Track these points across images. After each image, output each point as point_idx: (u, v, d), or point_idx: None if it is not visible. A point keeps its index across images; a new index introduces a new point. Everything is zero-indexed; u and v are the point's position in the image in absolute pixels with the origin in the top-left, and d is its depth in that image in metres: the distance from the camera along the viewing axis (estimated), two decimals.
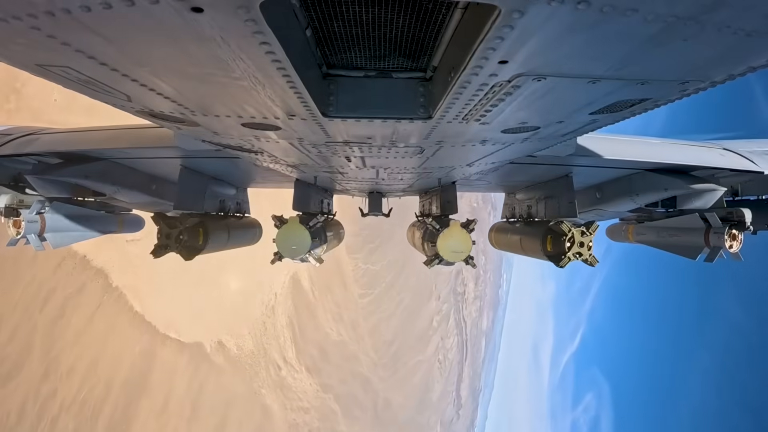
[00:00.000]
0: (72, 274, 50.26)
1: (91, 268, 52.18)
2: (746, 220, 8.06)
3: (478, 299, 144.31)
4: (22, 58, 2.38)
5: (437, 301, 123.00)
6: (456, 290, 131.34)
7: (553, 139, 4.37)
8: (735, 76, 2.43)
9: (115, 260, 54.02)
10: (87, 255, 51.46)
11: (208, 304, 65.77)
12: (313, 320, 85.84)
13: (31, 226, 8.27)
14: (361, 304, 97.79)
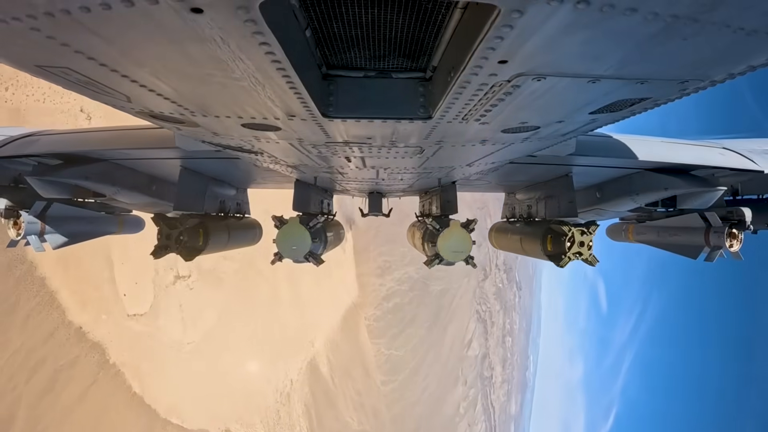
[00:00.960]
0: (65, 346, 48.76)
1: (87, 341, 50.73)
2: (746, 220, 8.07)
3: (506, 383, 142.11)
4: (22, 59, 2.38)
5: (464, 387, 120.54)
6: (483, 374, 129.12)
7: (553, 138, 4.37)
8: (735, 75, 2.43)
9: (114, 335, 52.72)
10: (83, 327, 50.39)
11: (216, 388, 63.89)
12: (332, 409, 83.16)
13: (31, 227, 8.27)
14: (384, 392, 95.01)
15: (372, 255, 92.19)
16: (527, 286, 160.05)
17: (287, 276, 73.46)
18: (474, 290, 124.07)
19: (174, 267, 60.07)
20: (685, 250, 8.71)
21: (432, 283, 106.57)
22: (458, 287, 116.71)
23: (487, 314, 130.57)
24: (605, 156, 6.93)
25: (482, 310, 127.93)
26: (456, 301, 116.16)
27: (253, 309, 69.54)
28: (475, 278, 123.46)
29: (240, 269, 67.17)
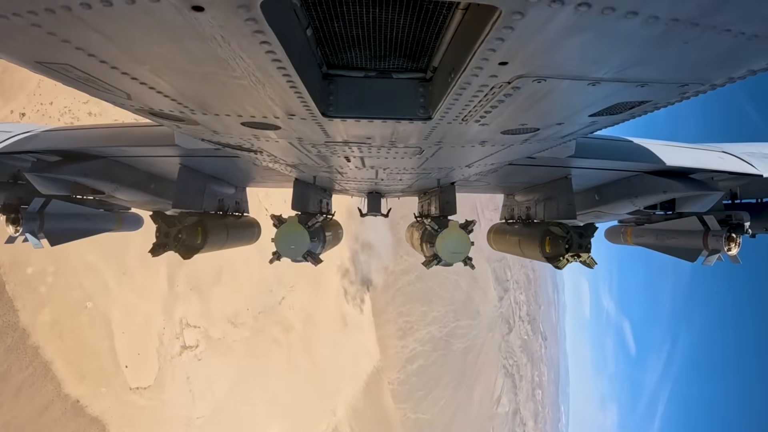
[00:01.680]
0: (61, 421, 46.60)
1: (85, 416, 48.66)
2: (745, 223, 8.08)
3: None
4: (23, 55, 2.38)
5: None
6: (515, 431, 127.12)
7: (552, 140, 4.37)
8: (735, 79, 2.44)
9: (115, 409, 50.69)
10: (81, 400, 48.49)
11: None
12: None
13: (29, 224, 8.26)
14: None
15: (392, 316, 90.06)
16: (552, 335, 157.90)
17: (302, 342, 72.54)
18: (499, 345, 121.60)
19: (180, 336, 58.94)
20: (684, 253, 8.72)
21: (455, 341, 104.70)
22: (482, 343, 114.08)
23: (515, 368, 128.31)
24: (604, 158, 6.95)
25: (509, 364, 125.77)
26: (481, 358, 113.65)
27: (267, 378, 68.10)
28: (500, 332, 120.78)
29: (251, 337, 66.07)
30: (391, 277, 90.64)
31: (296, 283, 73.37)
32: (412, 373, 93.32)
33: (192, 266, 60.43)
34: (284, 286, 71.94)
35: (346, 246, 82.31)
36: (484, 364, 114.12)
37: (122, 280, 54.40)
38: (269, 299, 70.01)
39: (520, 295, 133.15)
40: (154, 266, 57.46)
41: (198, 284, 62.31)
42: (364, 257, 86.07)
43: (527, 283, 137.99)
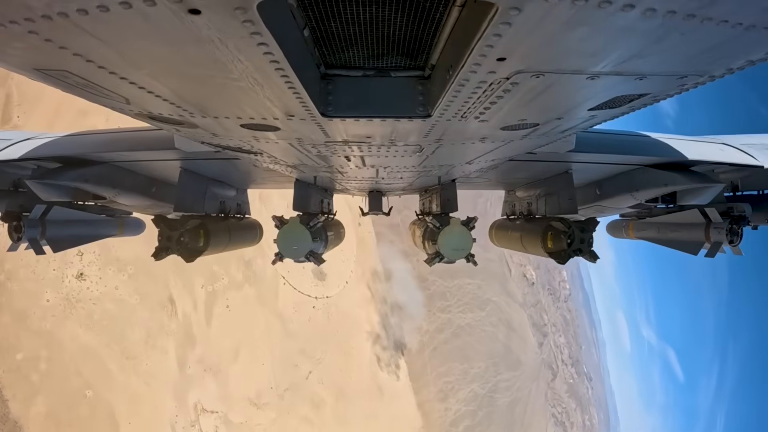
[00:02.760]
0: None
1: None
2: (746, 215, 8.07)
3: None
4: (20, 62, 2.38)
5: None
6: None
7: (552, 135, 4.37)
8: (734, 69, 2.44)
9: None
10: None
11: None
12: None
13: (31, 231, 8.27)
14: None
15: (430, 378, 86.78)
16: (596, 374, 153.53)
17: (336, 418, 69.37)
18: (545, 393, 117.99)
19: (195, 424, 56.83)
20: (686, 246, 8.71)
21: (500, 395, 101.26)
22: (528, 394, 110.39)
23: (564, 415, 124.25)
24: (605, 152, 6.94)
25: (557, 411, 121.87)
26: (529, 409, 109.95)
27: None
28: (544, 379, 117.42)
29: (277, 418, 63.40)
30: (425, 337, 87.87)
31: (323, 355, 70.73)
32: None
33: (205, 344, 58.81)
34: (310, 359, 69.38)
35: (375, 310, 79.77)
36: (532, 416, 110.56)
37: (125, 364, 52.57)
38: (295, 375, 66.98)
39: (559, 338, 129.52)
40: (161, 346, 55.48)
41: (213, 364, 59.73)
42: (395, 320, 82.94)
43: (565, 324, 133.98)
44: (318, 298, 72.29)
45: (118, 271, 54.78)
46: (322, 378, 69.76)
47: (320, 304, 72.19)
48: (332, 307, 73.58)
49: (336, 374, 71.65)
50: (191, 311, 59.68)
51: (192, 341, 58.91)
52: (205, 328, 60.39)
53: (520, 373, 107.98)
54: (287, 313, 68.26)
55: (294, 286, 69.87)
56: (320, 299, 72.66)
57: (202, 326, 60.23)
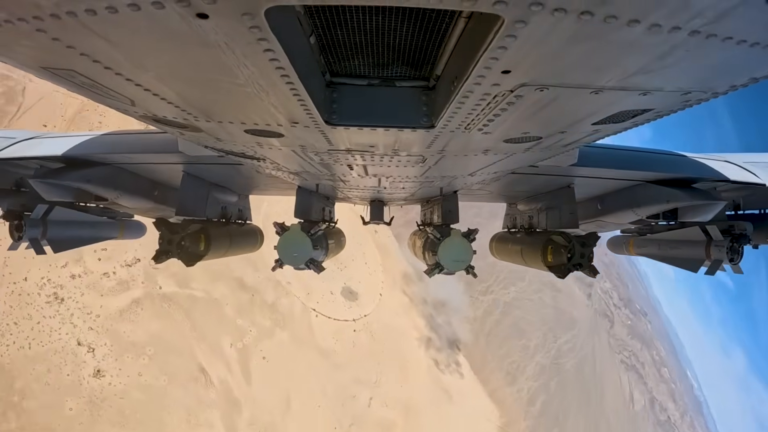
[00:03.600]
0: None
1: None
2: (747, 234, 8.06)
3: (683, 415, 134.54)
4: (27, 60, 2.40)
5: None
6: (659, 420, 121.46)
7: (555, 149, 4.37)
8: (737, 86, 2.44)
9: None
10: None
11: None
12: None
13: (32, 230, 8.28)
14: None
15: (494, 365, 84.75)
16: (649, 308, 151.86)
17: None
18: (607, 342, 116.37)
19: None
20: (686, 263, 8.69)
21: (565, 360, 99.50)
22: (592, 349, 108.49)
23: (632, 358, 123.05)
24: (607, 167, 6.95)
25: (625, 356, 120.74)
26: (597, 364, 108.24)
27: None
28: (603, 329, 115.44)
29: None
30: (475, 324, 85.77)
31: (379, 376, 67.23)
32: (538, 414, 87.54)
33: (252, 404, 56.04)
34: (367, 385, 66.12)
35: (418, 313, 76.70)
36: (603, 369, 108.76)
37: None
38: (355, 406, 63.72)
39: (605, 284, 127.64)
40: (205, 421, 53.13)
41: (266, 423, 56.70)
42: (441, 317, 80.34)
43: (605, 268, 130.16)
44: (356, 319, 69.39)
45: (137, 356, 53.47)
46: (384, 400, 66.94)
47: (360, 325, 69.42)
48: (373, 325, 70.64)
49: (398, 391, 68.73)
50: (227, 375, 57.52)
51: (237, 406, 56.84)
52: (247, 387, 58.04)
53: (578, 330, 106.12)
54: (328, 346, 65.62)
55: (327, 315, 67.18)
56: (358, 320, 69.68)
57: (243, 387, 57.89)
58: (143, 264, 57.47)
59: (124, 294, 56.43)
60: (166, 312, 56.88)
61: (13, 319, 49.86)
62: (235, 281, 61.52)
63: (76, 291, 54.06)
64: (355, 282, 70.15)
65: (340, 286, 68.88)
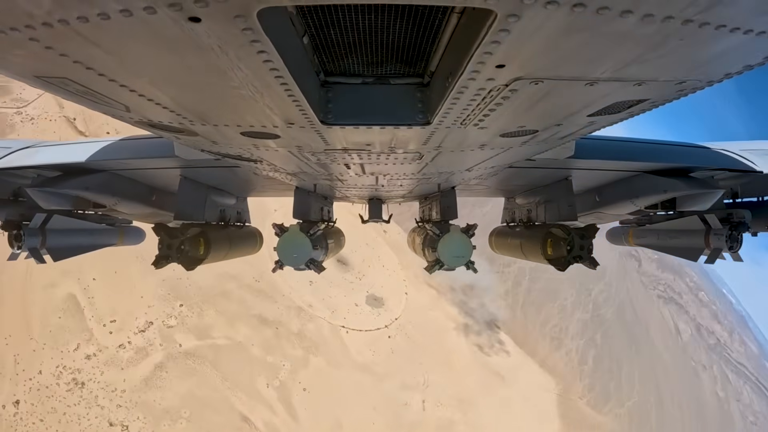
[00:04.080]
0: None
1: None
2: (746, 222, 8.08)
3: (731, 333, 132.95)
4: (21, 69, 2.39)
5: (705, 370, 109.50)
6: (709, 344, 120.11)
7: (551, 142, 4.38)
8: (732, 74, 2.45)
9: None
10: None
11: None
12: None
13: (31, 240, 8.27)
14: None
15: (537, 334, 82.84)
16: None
17: (473, 427, 62.79)
18: (640, 281, 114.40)
19: None
20: (686, 252, 8.71)
21: (604, 310, 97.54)
22: (626, 293, 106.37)
23: (668, 290, 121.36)
24: (604, 158, 6.96)
25: (661, 291, 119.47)
26: (636, 306, 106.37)
27: None
28: (633, 270, 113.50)
29: None
30: (509, 299, 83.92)
31: (426, 376, 64.44)
32: (592, 370, 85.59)
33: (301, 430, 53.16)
34: (416, 389, 63.31)
35: (449, 302, 74.46)
36: (643, 310, 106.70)
37: None
38: (409, 412, 60.81)
39: None
40: None
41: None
42: (474, 301, 78.71)
43: None
44: (387, 325, 66.68)
45: (174, 421, 51.84)
46: (437, 400, 64.36)
47: (393, 330, 66.71)
48: (407, 326, 68.07)
49: (448, 387, 66.19)
50: (271, 416, 55.40)
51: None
52: (295, 424, 55.85)
53: (608, 278, 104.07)
54: (367, 359, 62.98)
55: (358, 329, 64.57)
56: (390, 325, 66.93)
57: (291, 424, 55.75)
58: (157, 326, 55.55)
59: (145, 361, 54.65)
60: (192, 369, 55.23)
61: (39, 417, 48.46)
62: (254, 318, 59.63)
63: (94, 371, 52.31)
64: (378, 287, 68.08)
65: (363, 295, 66.73)
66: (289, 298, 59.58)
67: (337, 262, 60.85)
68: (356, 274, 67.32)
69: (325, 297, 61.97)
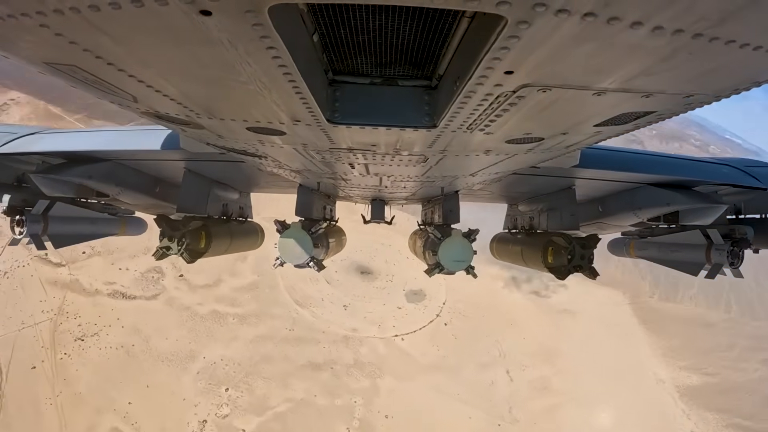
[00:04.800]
0: None
1: None
2: (748, 238, 8.07)
3: None
4: (30, 55, 2.40)
5: None
6: None
7: (556, 150, 4.37)
8: (740, 90, 2.44)
9: None
10: None
11: None
12: None
13: (33, 226, 8.30)
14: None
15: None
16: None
17: (574, 370, 55.81)
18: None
19: None
20: (687, 266, 8.71)
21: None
22: None
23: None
24: (609, 169, 6.95)
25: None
26: None
27: None
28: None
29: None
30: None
31: (499, 347, 56.93)
32: (648, 266, 66.76)
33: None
34: (495, 363, 55.58)
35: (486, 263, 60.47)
36: None
37: None
38: (500, 390, 53.17)
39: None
40: None
41: None
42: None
43: None
44: (438, 314, 59.50)
45: None
46: (520, 364, 56.58)
47: (446, 316, 59.83)
48: (457, 305, 60.66)
49: (525, 346, 58.16)
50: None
51: None
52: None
53: None
54: (433, 357, 55.77)
55: (411, 330, 57.48)
56: (441, 313, 60.02)
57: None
58: (212, 421, 47.78)
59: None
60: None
61: None
62: (306, 368, 52.90)
63: None
64: (412, 281, 61.33)
65: (401, 295, 60.60)
66: (330, 332, 54.71)
67: (361, 274, 58.14)
68: (385, 278, 61.50)
69: (365, 314, 56.99)
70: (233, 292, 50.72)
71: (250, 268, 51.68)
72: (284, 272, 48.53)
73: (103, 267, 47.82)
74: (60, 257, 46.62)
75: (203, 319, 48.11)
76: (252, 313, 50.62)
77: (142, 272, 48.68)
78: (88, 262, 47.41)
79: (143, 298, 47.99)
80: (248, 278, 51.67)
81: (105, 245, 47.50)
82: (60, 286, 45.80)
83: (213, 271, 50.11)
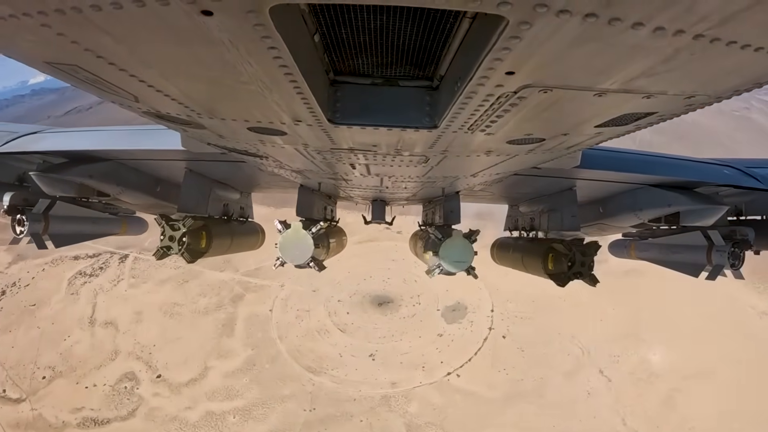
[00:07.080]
0: None
1: None
2: (749, 240, 8.07)
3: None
4: (31, 55, 2.40)
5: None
6: None
7: (558, 151, 4.37)
8: (741, 91, 2.44)
9: None
10: None
11: None
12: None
13: (34, 225, 8.31)
14: None
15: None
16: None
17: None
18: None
19: None
20: (687, 268, 8.70)
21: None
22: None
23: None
24: (610, 170, 6.96)
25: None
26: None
27: None
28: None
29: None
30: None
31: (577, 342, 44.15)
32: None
33: None
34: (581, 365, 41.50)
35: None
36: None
37: None
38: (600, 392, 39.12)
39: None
40: None
41: None
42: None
43: None
44: (490, 328, 44.46)
45: None
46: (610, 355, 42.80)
47: (500, 328, 45.24)
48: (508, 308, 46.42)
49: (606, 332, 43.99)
50: None
51: None
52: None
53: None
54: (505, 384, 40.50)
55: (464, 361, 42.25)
56: (494, 326, 45.39)
57: None
58: None
59: None
60: None
61: None
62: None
63: None
64: (443, 295, 47.75)
65: (437, 318, 46.75)
66: (363, 397, 40.18)
67: (379, 306, 44.07)
68: (410, 302, 47.50)
69: (399, 359, 42.73)
70: (226, 380, 38.55)
71: (240, 341, 40.26)
72: (282, 334, 38.36)
73: (67, 390, 37.84)
74: (19, 391, 37.85)
75: (197, 428, 36.17)
76: (256, 401, 37.53)
77: (111, 384, 38.12)
78: (51, 388, 38.07)
79: (118, 419, 36.82)
80: (240, 355, 39.67)
81: (66, 361, 39.19)
82: (23, 428, 36.16)
83: (195, 357, 39.39)
